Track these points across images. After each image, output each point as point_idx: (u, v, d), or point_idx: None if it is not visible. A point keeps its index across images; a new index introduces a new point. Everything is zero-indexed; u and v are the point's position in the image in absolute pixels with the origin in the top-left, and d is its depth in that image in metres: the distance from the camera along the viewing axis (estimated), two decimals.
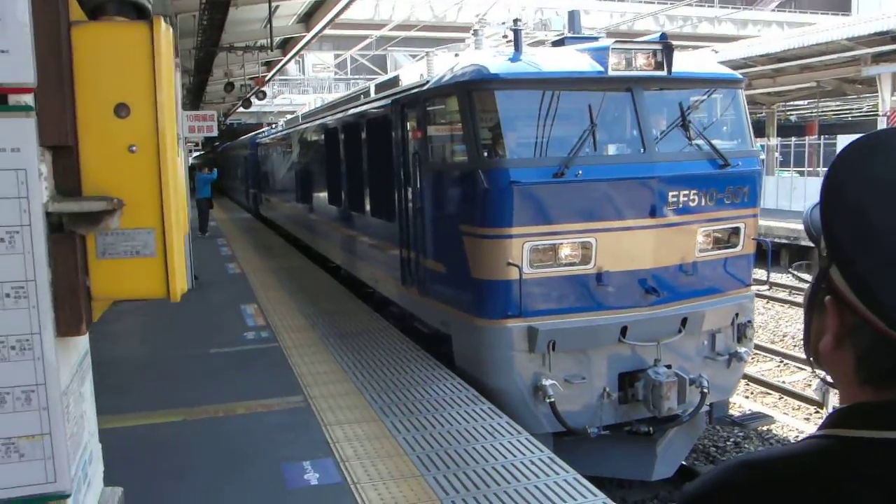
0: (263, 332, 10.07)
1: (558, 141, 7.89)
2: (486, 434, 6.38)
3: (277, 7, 16.68)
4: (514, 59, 8.14)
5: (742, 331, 8.53)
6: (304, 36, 20.10)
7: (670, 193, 7.81)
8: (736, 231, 8.46)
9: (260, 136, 28.72)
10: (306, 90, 41.20)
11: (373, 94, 11.79)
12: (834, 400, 11.28)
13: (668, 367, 7.89)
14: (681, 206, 7.91)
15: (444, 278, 8.51)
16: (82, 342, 2.42)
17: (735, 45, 27.36)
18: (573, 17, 8.99)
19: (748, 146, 8.64)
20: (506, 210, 7.50)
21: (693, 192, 7.96)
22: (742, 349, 8.49)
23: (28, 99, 1.91)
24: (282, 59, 24.28)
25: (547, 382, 7.53)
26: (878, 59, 24.87)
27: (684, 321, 8.04)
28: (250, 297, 12.62)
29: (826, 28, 24.78)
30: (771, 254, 9.00)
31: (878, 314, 0.99)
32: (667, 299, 7.98)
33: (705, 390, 7.94)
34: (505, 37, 9.50)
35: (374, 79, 20.60)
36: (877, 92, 26.56)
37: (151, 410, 7.21)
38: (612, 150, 8.12)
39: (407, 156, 9.35)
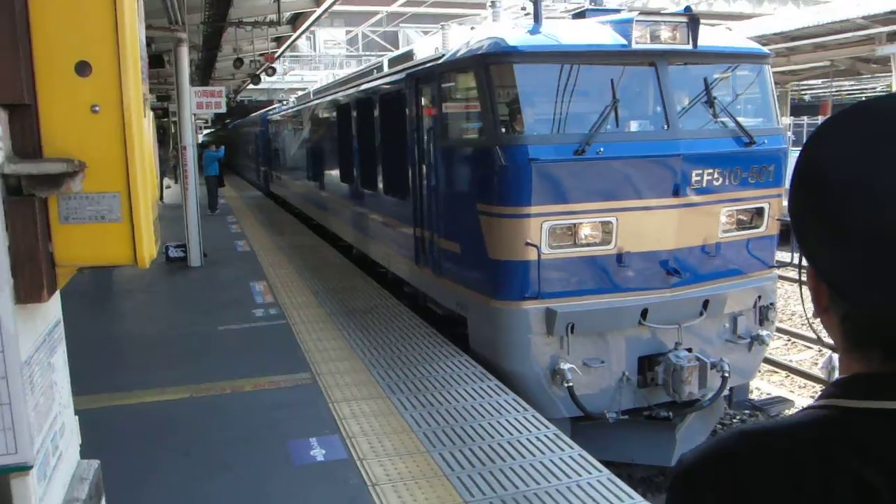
0: (272, 309, 9.98)
1: (579, 117, 7.56)
2: (493, 411, 6.33)
3: None
4: (534, 31, 7.80)
5: (764, 313, 8.23)
6: (315, 11, 19.67)
7: (694, 172, 7.49)
8: (760, 211, 8.13)
9: (271, 112, 28.37)
10: (317, 67, 40.72)
11: (386, 69, 11.45)
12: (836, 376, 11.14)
13: (689, 350, 7.61)
14: (704, 185, 7.59)
15: (459, 258, 8.22)
16: (51, 311, 2.29)
17: (749, 23, 26.81)
18: None
19: (774, 123, 8.29)
20: (524, 188, 7.19)
21: (717, 170, 7.64)
22: (764, 332, 8.19)
23: None
24: (292, 35, 23.88)
25: (565, 366, 7.26)
26: (893, 37, 24.35)
27: (706, 304, 7.75)
28: (259, 274, 12.51)
29: (841, 6, 24.27)
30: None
31: (830, 285, 1.03)
32: (688, 281, 7.69)
33: (726, 374, 7.66)
34: (524, 9, 9.14)
35: (384, 55, 20.23)
36: (891, 72, 26.06)
37: (160, 387, 7.14)
38: (633, 126, 7.79)
39: (421, 132, 9.03)
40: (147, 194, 2.13)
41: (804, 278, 1.16)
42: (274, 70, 25.94)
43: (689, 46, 7.61)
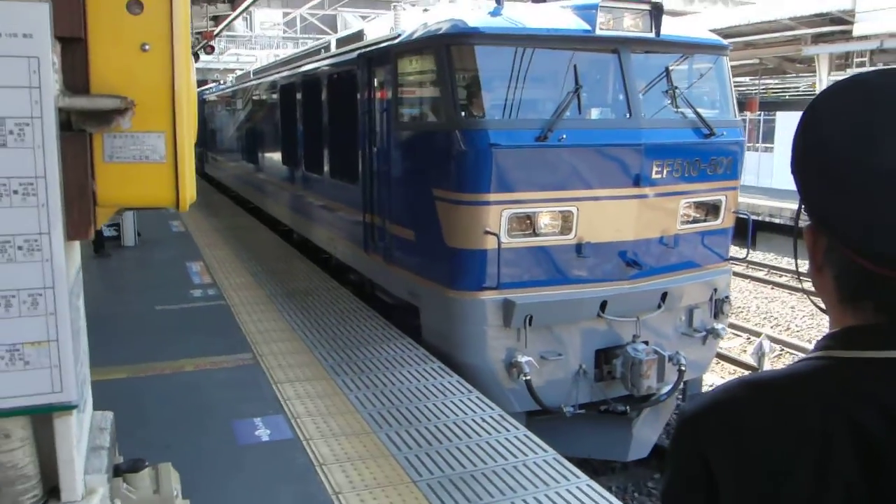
0: (210, 290, 9.70)
1: (540, 103, 7.24)
2: (437, 392, 6.27)
3: None
4: (495, 13, 7.41)
5: (719, 307, 8.06)
6: None
7: (655, 163, 7.23)
8: (717, 204, 7.94)
9: (207, 92, 27.36)
10: (253, 47, 39.59)
11: (333, 49, 10.92)
12: (767, 365, 11.39)
13: (646, 343, 7.39)
14: (665, 176, 7.35)
15: (413, 246, 7.81)
16: (78, 257, 2.25)
17: (682, 20, 26.93)
18: None
19: (731, 115, 8.10)
20: (483, 174, 6.83)
21: (678, 161, 7.41)
22: (719, 326, 8.03)
23: None
24: (231, 14, 23.15)
25: (522, 359, 6.95)
26: (817, 39, 24.82)
27: (664, 296, 7.52)
28: (196, 254, 12.10)
29: (769, 7, 24.62)
30: (752, 227, 8.53)
31: (832, 233, 1.08)
32: (647, 273, 7.45)
33: (683, 368, 7.46)
34: None
35: (321, 38, 19.51)
36: (815, 72, 26.60)
37: (95, 367, 6.57)
38: (595, 114, 7.48)
39: (373, 114, 8.57)
40: (192, 136, 2.11)
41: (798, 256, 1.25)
42: (213, 48, 25.00)
43: (652, 35, 7.34)
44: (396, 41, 7.95)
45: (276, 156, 13.98)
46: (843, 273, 1.11)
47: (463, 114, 7.04)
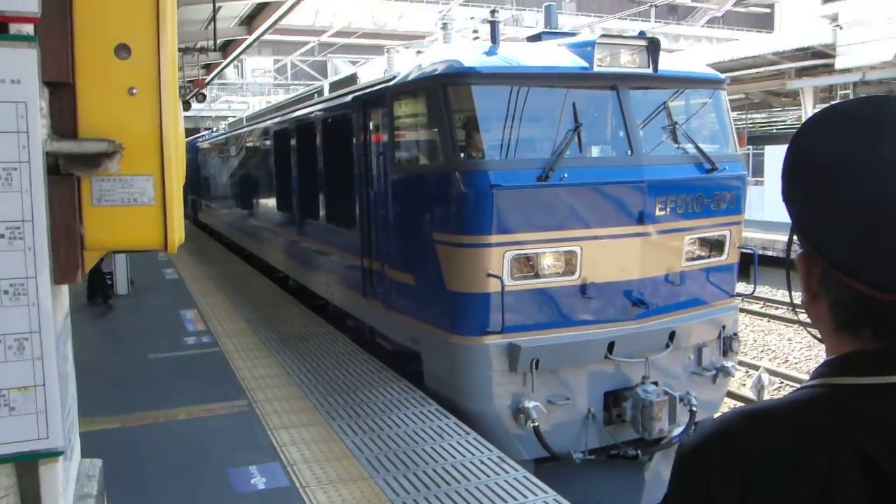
0: (204, 337, 9.57)
1: (540, 142, 7.08)
2: (435, 435, 6.15)
3: (220, 8, 15.48)
4: (491, 52, 7.28)
5: (728, 344, 7.82)
6: (246, 38, 18.99)
7: (659, 199, 7.05)
8: (722, 239, 7.74)
9: (200, 139, 27.26)
10: (245, 95, 39.71)
11: (327, 94, 10.78)
12: (767, 398, 11.17)
13: (655, 384, 7.13)
14: (668, 212, 7.16)
15: (413, 291, 7.57)
16: (66, 300, 2.27)
17: (677, 56, 27.10)
18: (550, 11, 8.17)
19: (732, 150, 7.95)
20: (485, 216, 6.62)
21: (681, 197, 7.22)
22: (729, 363, 7.78)
23: (30, 29, 1.80)
24: (222, 62, 23.12)
25: (530, 405, 6.69)
26: (801, 73, 24.96)
27: (672, 335, 7.29)
28: (189, 302, 11.97)
29: (754, 42, 24.79)
30: (758, 262, 8.33)
31: (828, 260, 1.05)
32: (654, 312, 7.22)
33: (694, 408, 7.20)
34: (475, 32, 8.64)
35: (311, 84, 19.43)
36: (800, 105, 26.71)
37: (87, 417, 6.70)
38: (595, 152, 7.32)
39: (370, 157, 8.39)
40: (180, 179, 2.13)
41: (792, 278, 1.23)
42: (204, 96, 24.97)
43: (650, 70, 7.21)
44: (392, 83, 7.80)
45: (271, 202, 13.78)
46: (839, 300, 1.09)
47: (462, 155, 6.85)
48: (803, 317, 1.23)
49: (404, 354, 8.09)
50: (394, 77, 7.89)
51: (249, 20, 17.74)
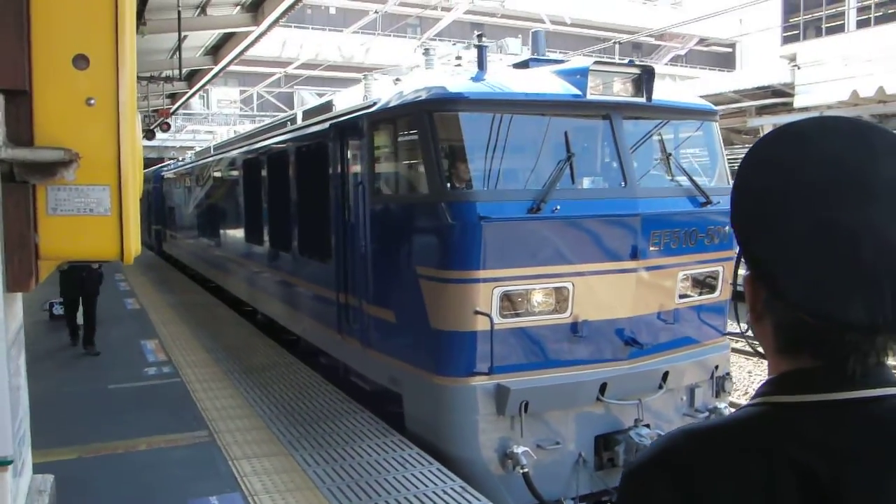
0: (165, 368, 9.41)
1: (530, 172, 6.63)
2: (398, 465, 6.02)
3: (186, 37, 14.98)
4: (478, 78, 6.86)
5: (721, 384, 7.40)
6: (212, 68, 18.55)
7: (653, 233, 6.64)
8: (714, 276, 7.35)
9: (165, 169, 26.47)
10: (211, 125, 39.03)
11: (300, 122, 10.28)
12: None
13: (647, 426, 6.68)
14: (662, 247, 6.75)
15: (394, 328, 7.05)
16: (19, 312, 2.23)
17: (667, 86, 27.22)
18: (537, 38, 7.78)
19: (724, 182, 7.59)
20: (473, 250, 6.15)
21: (676, 231, 6.82)
22: (721, 404, 7.36)
23: None
24: (188, 92, 22.59)
25: (519, 450, 6.18)
26: (761, 111, 25.13)
27: (665, 375, 6.85)
28: (150, 332, 11.77)
29: (716, 80, 24.96)
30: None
31: (772, 290, 1.06)
32: (647, 351, 6.78)
33: None
34: (458, 58, 8.23)
35: (277, 115, 18.94)
36: None
37: (45, 448, 6.22)
38: (585, 183, 6.90)
39: (347, 186, 7.89)
40: (136, 190, 2.12)
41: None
42: (169, 126, 24.41)
43: (643, 100, 6.84)
44: (372, 109, 7.33)
45: (240, 233, 13.13)
46: (782, 323, 1.10)
47: (448, 185, 6.39)
48: (750, 334, 1.23)
49: (382, 395, 7.54)
50: (374, 103, 7.42)
51: (215, 50, 17.49)
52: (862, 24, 32.14)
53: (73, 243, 2.02)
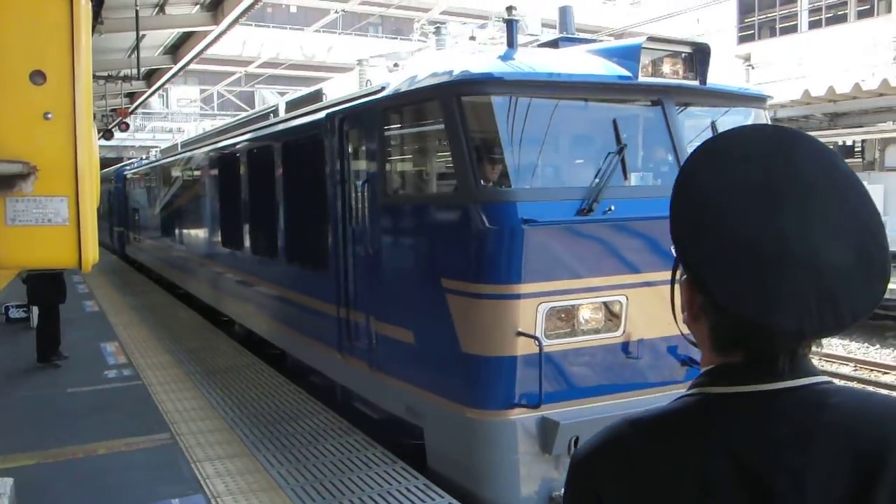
0: (125, 370, 9.07)
1: (575, 167, 5.48)
2: (362, 465, 5.80)
3: (144, 36, 13.79)
4: (507, 57, 5.66)
5: None
6: (171, 67, 17.58)
7: None
8: None
9: (127, 168, 24.67)
10: (171, 122, 37.16)
11: (283, 114, 8.95)
12: None
13: None
14: None
15: (412, 350, 5.81)
16: None
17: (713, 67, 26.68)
18: (565, 13, 6.60)
19: None
20: (514, 259, 4.97)
21: None
22: None
23: None
24: (146, 91, 21.27)
25: None
26: None
27: None
28: (110, 334, 11.32)
29: None
30: None
31: (708, 296, 1.08)
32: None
33: None
34: (472, 38, 7.03)
35: (237, 115, 17.61)
36: None
37: (1, 455, 6.14)
38: (633, 179, 5.74)
39: (349, 185, 6.63)
40: (94, 200, 2.22)
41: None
42: (127, 126, 22.96)
43: (697, 83, 5.73)
44: (381, 96, 6.08)
45: (216, 237, 11.59)
46: (718, 325, 1.12)
47: (482, 182, 5.18)
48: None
49: (394, 425, 6.32)
50: (382, 88, 6.17)
51: (174, 49, 16.76)
52: (814, 24, 31.83)
53: (31, 253, 2.05)
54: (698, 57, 5.72)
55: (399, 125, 6.09)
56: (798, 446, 1.04)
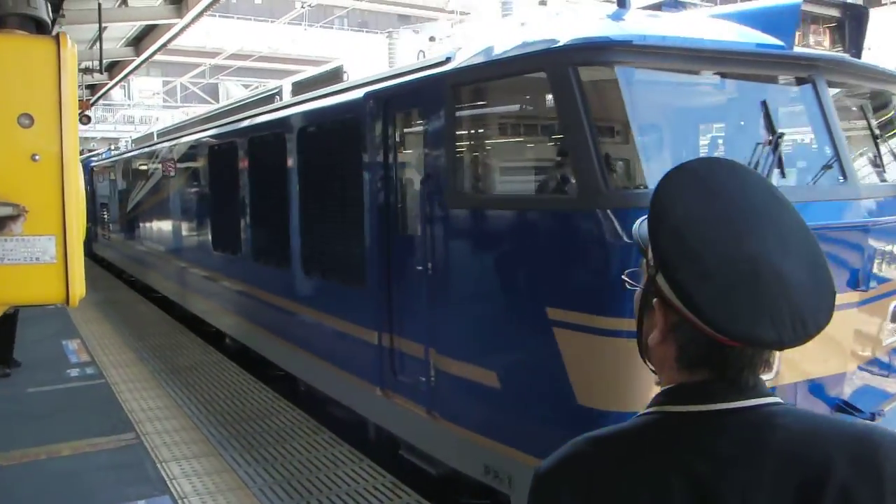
0: (88, 369, 8.63)
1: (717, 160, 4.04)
2: (329, 463, 5.59)
3: (106, 28, 12.53)
4: (617, 17, 4.24)
5: None
6: (134, 60, 16.23)
7: (879, 249, 4.22)
8: None
9: (95, 159, 22.56)
10: (131, 117, 34.83)
11: (289, 97, 7.35)
12: None
13: None
14: (883, 269, 4.35)
15: (496, 397, 4.35)
16: None
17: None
18: None
19: None
20: None
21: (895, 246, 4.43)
22: None
23: None
24: (108, 83, 19.88)
25: None
26: None
27: None
28: (72, 331, 10.75)
29: None
30: None
31: (695, 314, 1.05)
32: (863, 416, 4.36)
33: None
34: (543, 3, 5.61)
35: (212, 104, 15.90)
36: None
37: None
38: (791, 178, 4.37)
39: (395, 182, 5.14)
40: (80, 238, 2.20)
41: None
42: (89, 119, 21.18)
43: (851, 56, 4.40)
44: (448, 67, 4.58)
45: (205, 239, 9.80)
46: (689, 342, 1.10)
47: (608, 180, 3.75)
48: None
49: (454, 482, 4.88)
50: (447, 59, 4.68)
51: (137, 41, 15.73)
52: None
53: (19, 289, 1.99)
54: (852, 24, 4.38)
55: (478, 104, 4.61)
56: (746, 464, 1.04)
